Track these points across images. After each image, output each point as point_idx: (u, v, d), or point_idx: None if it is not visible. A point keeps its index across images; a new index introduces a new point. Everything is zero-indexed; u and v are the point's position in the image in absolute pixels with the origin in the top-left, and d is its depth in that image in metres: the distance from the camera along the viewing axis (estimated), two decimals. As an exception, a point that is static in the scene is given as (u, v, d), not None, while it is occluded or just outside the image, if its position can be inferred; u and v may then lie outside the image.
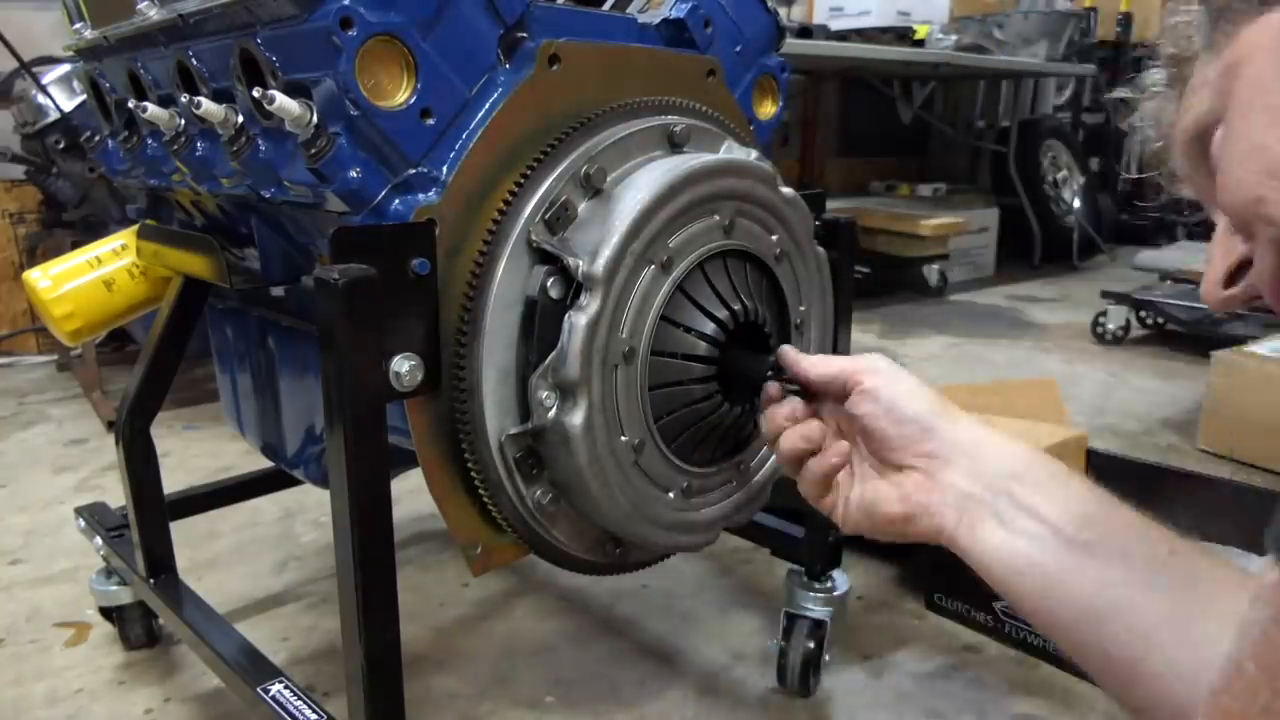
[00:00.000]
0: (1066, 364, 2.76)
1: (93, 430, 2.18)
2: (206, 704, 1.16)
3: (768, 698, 1.17)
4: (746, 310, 0.83)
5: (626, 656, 1.26)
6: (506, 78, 0.77)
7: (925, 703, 1.16)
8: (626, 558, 0.90)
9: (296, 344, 1.01)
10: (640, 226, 0.75)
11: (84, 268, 1.10)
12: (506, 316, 0.75)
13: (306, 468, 1.07)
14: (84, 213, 2.39)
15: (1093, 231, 4.44)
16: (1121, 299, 2.95)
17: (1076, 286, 3.97)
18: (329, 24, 0.67)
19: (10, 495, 1.82)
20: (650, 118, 0.83)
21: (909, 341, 3.05)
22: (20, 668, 1.24)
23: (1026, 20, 4.41)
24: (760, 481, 0.93)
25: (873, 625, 1.34)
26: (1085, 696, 1.17)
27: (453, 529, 0.81)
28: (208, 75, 0.84)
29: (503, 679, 1.21)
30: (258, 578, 1.47)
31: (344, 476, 0.69)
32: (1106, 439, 2.06)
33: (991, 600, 1.27)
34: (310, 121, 0.72)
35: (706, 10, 0.94)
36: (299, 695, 0.89)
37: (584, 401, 0.74)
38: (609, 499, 0.78)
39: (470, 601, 1.39)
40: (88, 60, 1.08)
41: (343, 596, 0.73)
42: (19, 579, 1.48)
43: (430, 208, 0.72)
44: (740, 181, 0.83)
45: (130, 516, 1.12)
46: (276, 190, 0.79)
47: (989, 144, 4.72)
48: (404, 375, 0.72)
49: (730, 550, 1.53)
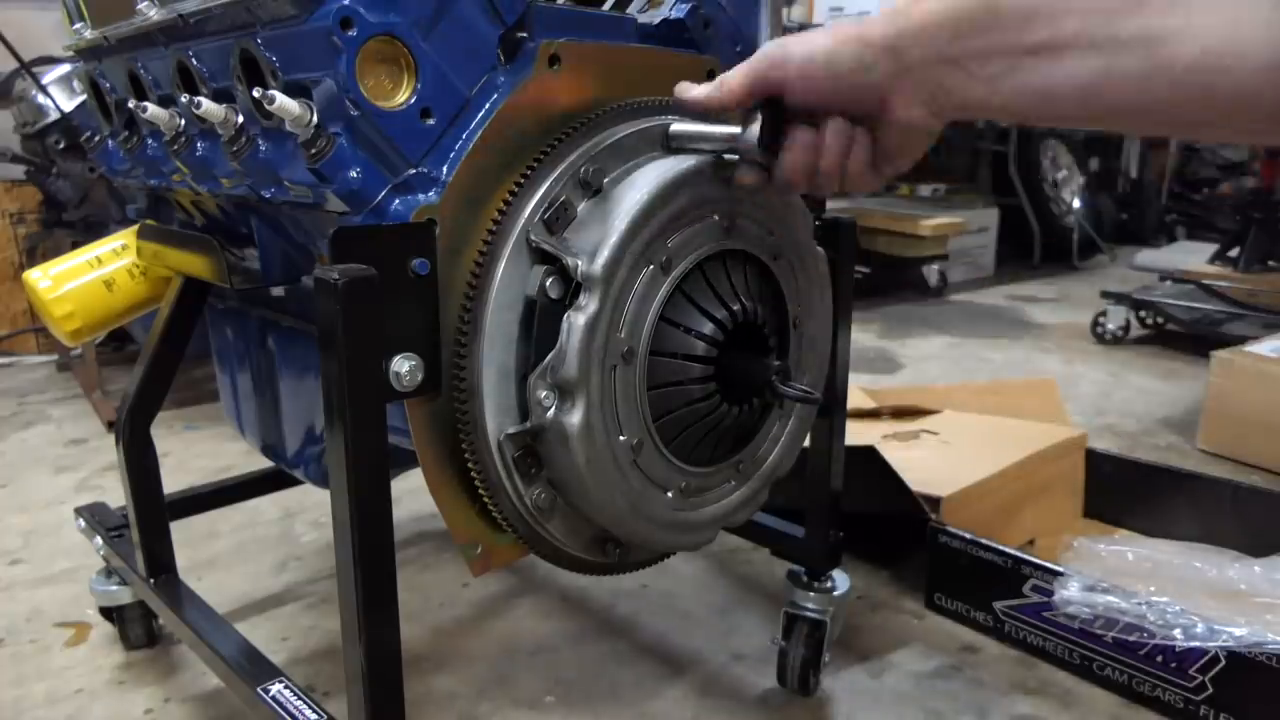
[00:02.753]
0: (1066, 364, 2.76)
1: (93, 430, 2.18)
2: (206, 704, 1.16)
3: (768, 698, 1.17)
4: (745, 310, 0.83)
5: (626, 656, 1.26)
6: (506, 78, 0.77)
7: (925, 703, 1.16)
8: (626, 557, 0.90)
9: (296, 344, 1.01)
10: (639, 227, 0.75)
11: (84, 268, 1.10)
12: (506, 316, 0.76)
13: (306, 468, 1.07)
14: (84, 213, 2.39)
15: (1093, 231, 4.44)
16: (1121, 299, 2.95)
17: (1076, 286, 3.97)
18: (329, 24, 0.67)
19: (10, 495, 1.82)
20: (650, 118, 0.83)
21: (909, 341, 3.05)
22: (20, 668, 1.24)
23: (1026, 20, 4.40)
24: (759, 481, 0.93)
25: (873, 625, 1.34)
26: (1085, 696, 1.17)
27: (453, 529, 0.81)
28: (208, 75, 0.85)
29: (503, 679, 1.21)
30: (258, 578, 1.47)
31: (344, 476, 0.69)
32: (1106, 439, 2.06)
33: (991, 600, 1.28)
34: (310, 122, 0.72)
35: (706, 10, 0.94)
36: (299, 695, 0.89)
37: (582, 401, 0.74)
38: (607, 498, 0.78)
39: (470, 601, 1.39)
40: (88, 60, 1.08)
41: (343, 596, 0.73)
42: (19, 579, 1.48)
43: (430, 208, 0.72)
44: (740, 181, 0.83)
45: (130, 516, 1.12)
46: (276, 190, 0.80)
47: (989, 144, 4.72)
48: (404, 375, 0.72)
49: (730, 550, 1.53)
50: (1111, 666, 1.16)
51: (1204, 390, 2.05)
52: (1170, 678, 1.11)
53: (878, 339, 3.07)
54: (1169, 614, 1.11)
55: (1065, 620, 1.19)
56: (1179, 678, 1.10)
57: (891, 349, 2.94)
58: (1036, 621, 1.23)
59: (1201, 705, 1.09)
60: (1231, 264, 3.25)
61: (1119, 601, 1.14)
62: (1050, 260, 4.38)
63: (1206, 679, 1.08)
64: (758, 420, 0.91)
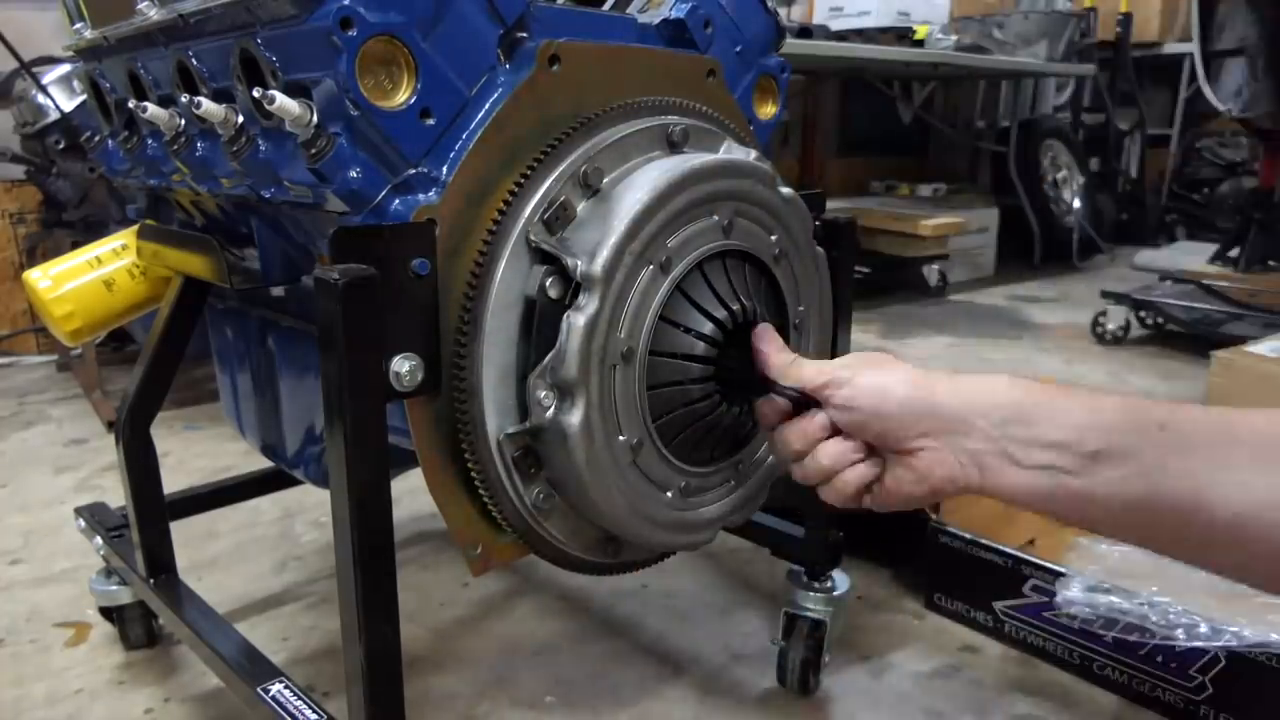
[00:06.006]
0: (1066, 364, 2.76)
1: (93, 430, 2.18)
2: (206, 704, 1.16)
3: (768, 698, 1.17)
4: (745, 311, 0.83)
5: (626, 656, 1.26)
6: (506, 78, 0.77)
7: (925, 703, 1.16)
8: (625, 557, 0.90)
9: (296, 344, 1.01)
10: (639, 226, 0.75)
11: (84, 268, 1.10)
12: (506, 316, 0.75)
13: (306, 468, 1.07)
14: (84, 213, 2.39)
15: (1093, 231, 4.44)
16: (1121, 299, 2.95)
17: (1076, 286, 3.97)
18: (329, 24, 0.67)
19: (10, 495, 1.82)
20: (649, 118, 0.83)
21: (909, 341, 3.05)
22: (20, 668, 1.24)
23: (1026, 20, 4.41)
24: (758, 481, 0.93)
25: (873, 625, 1.34)
26: (1085, 696, 1.17)
27: (453, 529, 0.81)
28: (208, 75, 0.85)
29: (503, 679, 1.21)
30: (258, 578, 1.47)
31: (344, 476, 0.69)
32: (1106, 439, 2.05)
33: (992, 600, 1.28)
34: (310, 121, 0.72)
35: (706, 10, 0.94)
36: (299, 695, 0.89)
37: (582, 401, 0.74)
38: (607, 498, 0.78)
39: (470, 601, 1.39)
40: (88, 60, 1.08)
41: (343, 596, 0.73)
42: (19, 579, 1.48)
43: (430, 208, 0.72)
44: (739, 182, 0.83)
45: (130, 516, 1.12)
46: (276, 190, 0.80)
47: (989, 144, 4.72)
48: (404, 375, 0.72)
49: (730, 550, 1.53)
50: (1112, 666, 1.16)
51: (1204, 390, 2.05)
52: (1170, 678, 1.11)
53: (878, 339, 3.07)
54: (1171, 614, 1.11)
55: (1065, 620, 1.19)
56: (1179, 678, 1.10)
57: (892, 349, 2.94)
58: (1037, 621, 1.23)
59: (1202, 705, 1.09)
60: (1231, 264, 3.25)
61: (1121, 602, 1.14)
62: (1050, 260, 4.38)
63: (1207, 679, 1.08)
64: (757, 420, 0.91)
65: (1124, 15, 4.80)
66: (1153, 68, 5.00)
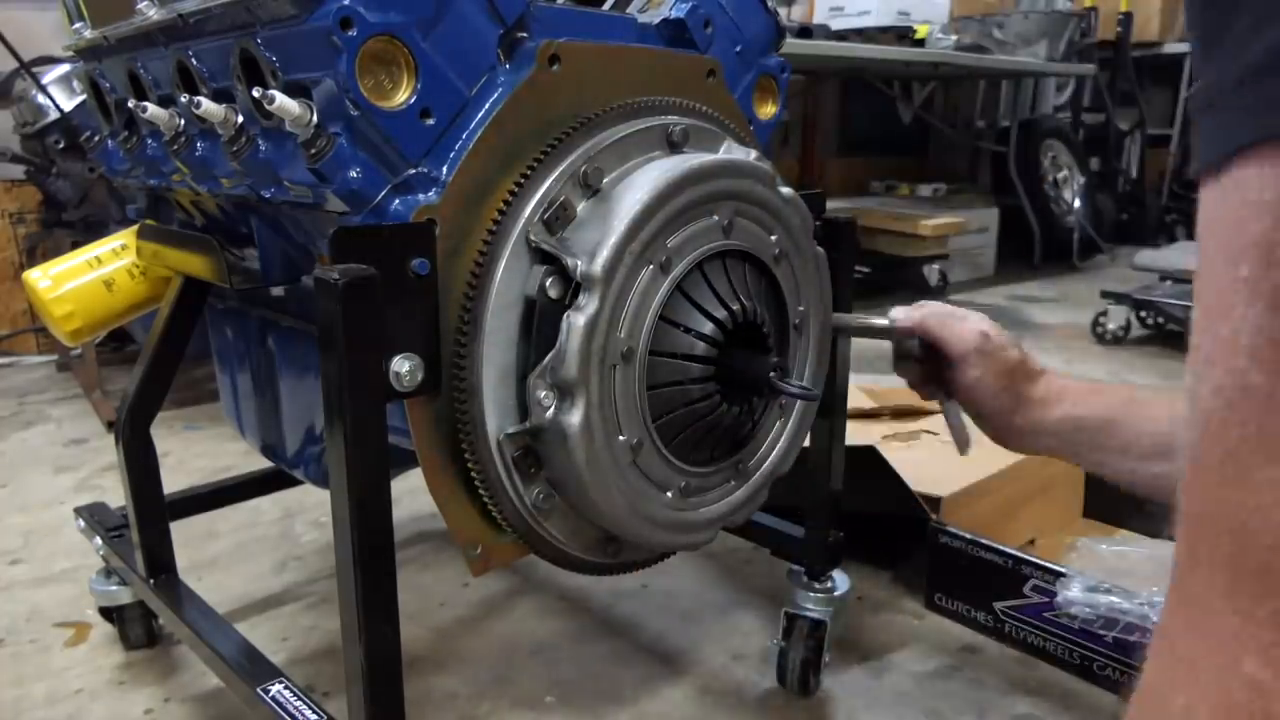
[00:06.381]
0: (1066, 364, 2.76)
1: (93, 430, 2.18)
2: (206, 704, 1.16)
3: (768, 698, 1.17)
4: (745, 310, 0.83)
5: (626, 656, 1.26)
6: (506, 78, 0.77)
7: (925, 703, 1.16)
8: (625, 557, 0.90)
9: (296, 344, 1.01)
10: (639, 226, 0.75)
11: (84, 268, 1.10)
12: (506, 316, 0.75)
13: (306, 468, 1.07)
14: (84, 213, 2.39)
15: (1093, 231, 4.44)
16: (1121, 299, 2.95)
17: (1076, 286, 3.97)
18: (329, 24, 0.67)
19: (10, 495, 1.82)
20: (649, 118, 0.83)
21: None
22: (20, 668, 1.24)
23: (1026, 20, 4.41)
24: (759, 481, 0.93)
25: (873, 625, 1.34)
26: (1085, 696, 1.17)
27: (453, 529, 0.81)
28: (208, 75, 0.84)
29: (503, 679, 1.21)
30: (258, 578, 1.47)
31: (344, 476, 0.69)
32: (1106, 439, 2.05)
33: (992, 600, 1.27)
34: (310, 121, 0.72)
35: (706, 10, 0.94)
36: (299, 695, 0.89)
37: (582, 401, 0.74)
38: (606, 498, 0.78)
39: (470, 601, 1.39)
40: (88, 60, 1.08)
41: (343, 596, 0.73)
42: (19, 579, 1.48)
43: (430, 208, 0.72)
44: (739, 181, 0.83)
45: (130, 516, 1.12)
46: (276, 190, 0.80)
47: (989, 144, 4.72)
48: (404, 375, 0.72)
49: (730, 550, 1.53)
50: (1112, 667, 1.16)
51: (1204, 390, 2.04)
52: (1170, 678, 1.11)
53: (878, 339, 3.07)
54: (1170, 614, 1.10)
55: (1066, 620, 1.19)
56: (1179, 678, 1.10)
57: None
58: (1037, 622, 1.23)
59: (1202, 705, 1.09)
60: (1231, 264, 3.24)
61: (1121, 601, 1.14)
62: (1050, 260, 4.38)
63: (1207, 679, 1.08)
64: (757, 420, 0.91)
65: (1124, 15, 4.79)
66: (1153, 67, 5.00)
